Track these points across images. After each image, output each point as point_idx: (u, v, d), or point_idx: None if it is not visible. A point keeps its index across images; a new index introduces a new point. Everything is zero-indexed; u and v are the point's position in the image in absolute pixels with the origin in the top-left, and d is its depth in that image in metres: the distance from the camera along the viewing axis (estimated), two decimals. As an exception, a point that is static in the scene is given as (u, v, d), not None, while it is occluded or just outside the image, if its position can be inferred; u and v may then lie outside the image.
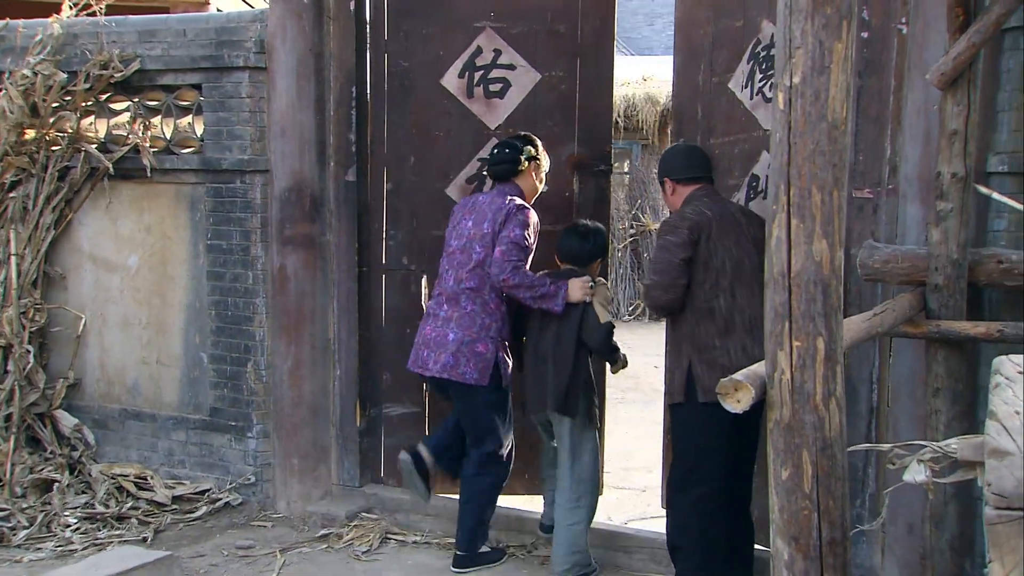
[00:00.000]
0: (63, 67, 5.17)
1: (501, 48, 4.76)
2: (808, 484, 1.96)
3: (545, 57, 4.77)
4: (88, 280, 5.46)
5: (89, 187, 5.34)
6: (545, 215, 4.41)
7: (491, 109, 4.82)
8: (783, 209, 1.92)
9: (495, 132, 4.80)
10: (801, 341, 1.95)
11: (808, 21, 1.83)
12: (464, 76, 4.81)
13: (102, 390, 5.49)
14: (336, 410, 5.01)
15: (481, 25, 4.76)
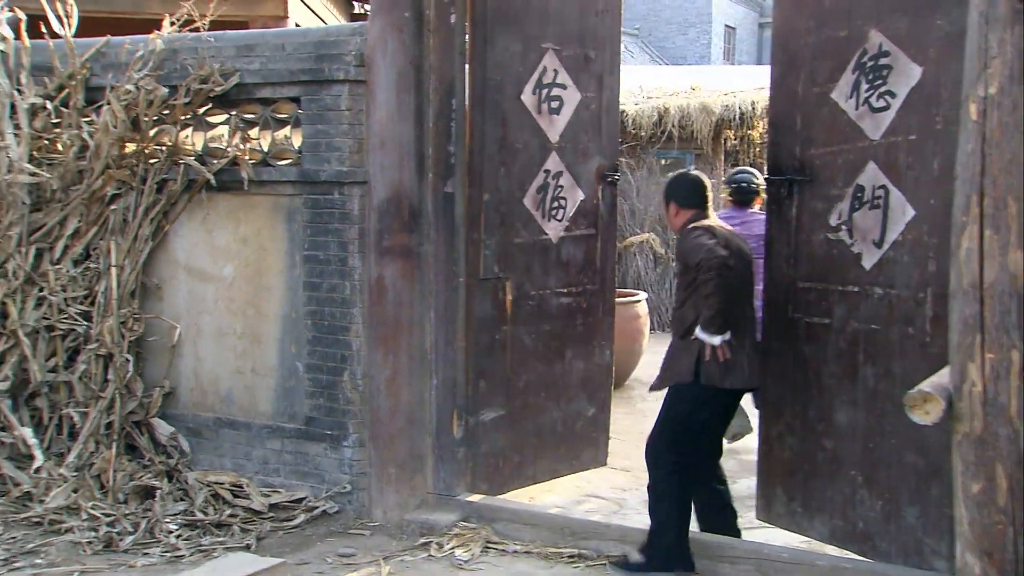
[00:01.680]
0: (163, 82, 5.27)
1: (557, 69, 5.21)
2: (1003, 498, 1.96)
3: (582, 79, 5.31)
4: (183, 291, 5.55)
5: (186, 199, 5.44)
6: (580, 220, 5.29)
7: (551, 124, 5.24)
8: (975, 220, 1.93)
9: (555, 146, 5.24)
10: (995, 353, 1.95)
11: (1007, 31, 1.84)
12: (536, 93, 5.14)
13: (196, 399, 5.58)
14: (432, 419, 5.05)
15: (546, 46, 5.13)
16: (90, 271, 5.51)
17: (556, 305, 5.24)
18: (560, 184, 5.13)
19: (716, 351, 4.17)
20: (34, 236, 5.51)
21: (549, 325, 5.20)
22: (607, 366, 5.57)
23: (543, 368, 5.24)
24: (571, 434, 5.45)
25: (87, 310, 5.47)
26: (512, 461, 5.17)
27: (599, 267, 5.46)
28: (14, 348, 5.36)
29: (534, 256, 5.12)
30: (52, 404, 5.43)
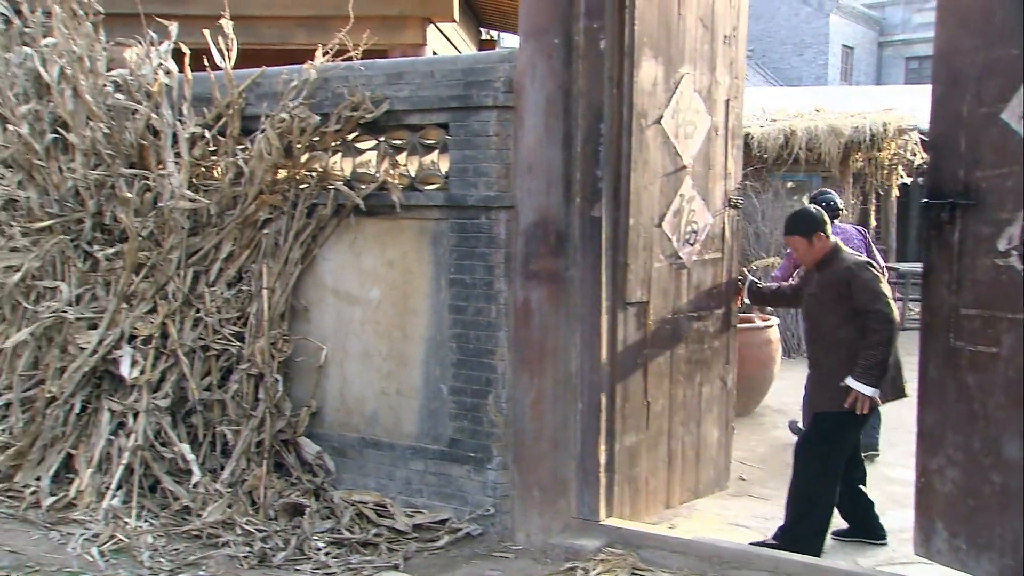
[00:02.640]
0: (315, 109, 5.44)
1: (692, 94, 5.22)
2: None
3: (711, 103, 5.36)
4: (330, 313, 5.69)
5: (334, 223, 5.58)
6: (709, 244, 5.43)
7: (686, 149, 5.28)
8: None
9: (688, 170, 5.30)
10: None
11: None
12: (674, 118, 5.15)
13: (341, 419, 5.69)
14: (576, 443, 5.04)
15: (683, 72, 5.16)
16: (243, 293, 5.70)
17: (688, 329, 5.28)
18: (693, 208, 5.14)
19: (858, 403, 4.48)
20: (192, 259, 5.73)
21: (682, 349, 5.22)
22: (730, 390, 5.65)
23: (676, 392, 5.25)
24: (698, 458, 5.46)
25: (240, 331, 5.66)
26: (649, 486, 5.14)
27: (724, 291, 5.58)
28: (173, 367, 5.57)
29: (671, 280, 5.14)
30: (206, 421, 5.61)
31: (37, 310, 5.79)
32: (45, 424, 5.50)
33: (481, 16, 9.08)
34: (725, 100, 5.47)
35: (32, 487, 5.29)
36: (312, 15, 7.41)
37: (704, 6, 5.26)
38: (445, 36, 8.37)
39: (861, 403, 4.69)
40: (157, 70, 5.87)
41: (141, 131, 5.76)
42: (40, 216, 5.93)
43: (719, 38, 5.39)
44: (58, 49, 5.90)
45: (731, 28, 5.44)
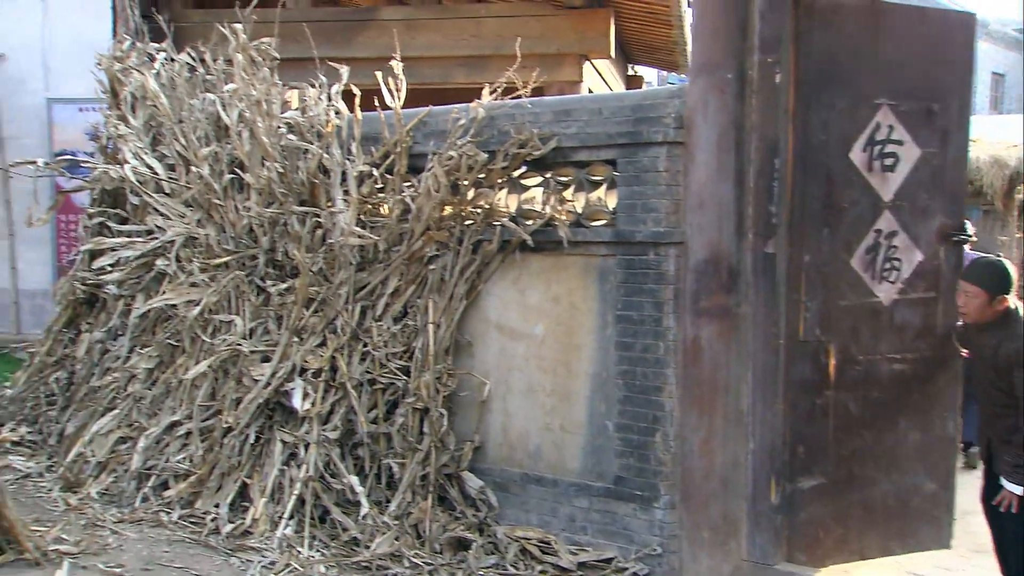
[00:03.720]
0: (481, 147, 5.52)
1: (893, 124, 4.93)
2: None
3: (923, 133, 4.99)
4: (494, 348, 5.73)
5: (499, 259, 5.63)
6: (918, 282, 4.98)
7: (884, 182, 4.95)
8: None
9: (888, 204, 4.93)
10: None
11: None
12: (866, 150, 4.90)
13: (504, 454, 5.71)
14: (748, 483, 4.91)
15: (880, 102, 4.88)
16: (408, 328, 5.81)
17: (888, 372, 4.95)
18: (894, 244, 4.89)
19: (1011, 502, 4.09)
20: (359, 294, 5.88)
21: (879, 392, 4.93)
22: (950, 438, 5.14)
23: (871, 437, 4.96)
24: (905, 510, 5.07)
25: (405, 365, 5.76)
26: (835, 533, 4.93)
27: (940, 333, 5.07)
28: (342, 400, 5.70)
29: (861, 319, 4.89)
30: (372, 454, 5.71)
31: (214, 343, 6.03)
32: (222, 453, 5.70)
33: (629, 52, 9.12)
34: (943, 129, 5.05)
35: (212, 514, 5.48)
36: (471, 55, 7.58)
37: (911, 33, 4.94)
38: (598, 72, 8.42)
39: (1012, 502, 4.18)
40: (328, 111, 6.08)
41: (313, 170, 5.96)
42: (218, 252, 6.19)
43: (935, 63, 4.99)
44: (238, 94, 6.18)
45: (951, 52, 5.03)
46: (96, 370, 6.74)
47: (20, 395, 7.16)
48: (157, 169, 6.53)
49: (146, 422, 6.09)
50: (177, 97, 6.63)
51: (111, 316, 6.77)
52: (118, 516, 5.54)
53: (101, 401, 6.46)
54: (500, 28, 7.46)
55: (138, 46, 7.09)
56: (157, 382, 6.24)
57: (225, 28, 6.56)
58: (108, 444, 6.10)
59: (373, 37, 7.70)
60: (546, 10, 7.48)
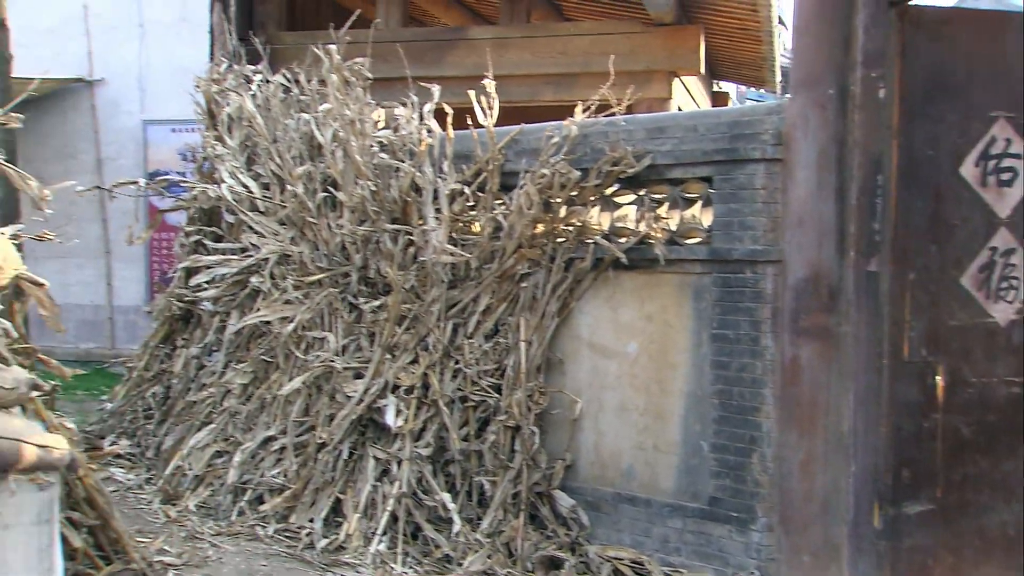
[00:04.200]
0: (574, 165, 5.52)
1: (1011, 138, 4.76)
2: None
3: None
4: (585, 366, 5.71)
5: (592, 277, 5.61)
6: None
7: (1001, 198, 4.79)
8: None
9: (1004, 221, 4.75)
10: None
11: None
12: (979, 165, 4.75)
13: (595, 473, 5.67)
14: (849, 507, 4.79)
15: (996, 115, 4.73)
16: (499, 345, 5.82)
17: (1005, 395, 4.77)
18: (1011, 263, 4.73)
19: None
20: (451, 312, 5.91)
21: (995, 416, 4.76)
22: None
23: (987, 463, 4.79)
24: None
25: (497, 383, 5.76)
26: (945, 562, 4.78)
27: None
28: (434, 417, 5.73)
29: (974, 340, 4.74)
30: (463, 471, 5.72)
31: (307, 359, 6.12)
32: (316, 469, 5.77)
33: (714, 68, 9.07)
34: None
35: (306, 528, 5.54)
36: (559, 73, 7.60)
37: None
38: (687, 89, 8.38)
39: None
40: (420, 130, 6.14)
41: (405, 189, 6.02)
42: (311, 270, 6.28)
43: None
44: (332, 113, 6.28)
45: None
46: (192, 385, 6.89)
47: (119, 409, 7.35)
48: (252, 188, 6.67)
49: (241, 437, 6.20)
50: (272, 117, 6.76)
51: (207, 332, 6.92)
52: (216, 529, 5.64)
53: (197, 415, 6.59)
54: (588, 46, 7.47)
55: (235, 68, 7.26)
56: (252, 397, 6.35)
57: (319, 49, 6.68)
58: (205, 458, 6.22)
59: (462, 56, 7.78)
60: (635, 27, 7.47)
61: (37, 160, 10.20)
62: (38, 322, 5.13)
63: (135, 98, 11.41)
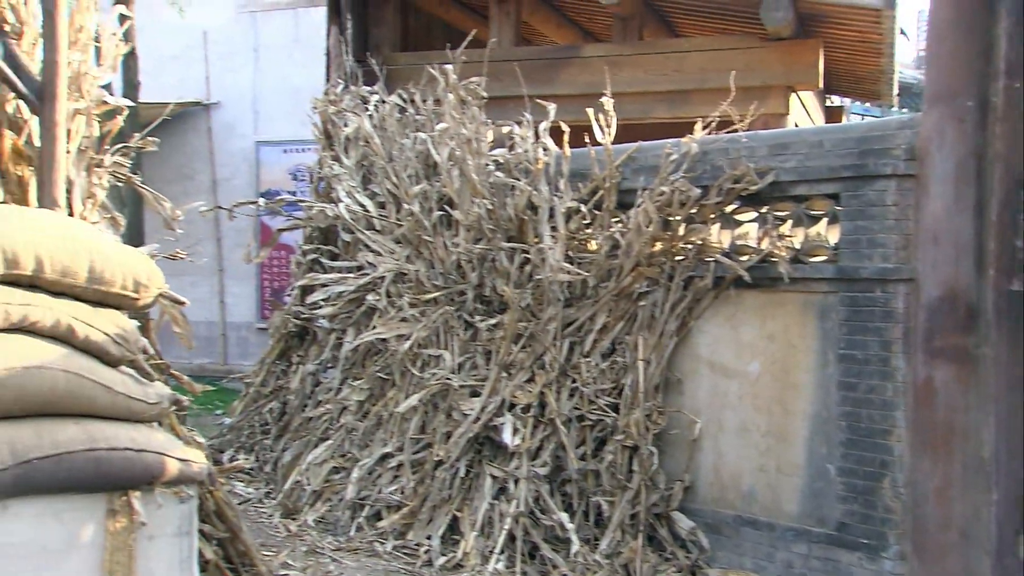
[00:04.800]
0: (694, 182, 5.46)
1: None
2: None
3: None
4: (704, 385, 5.62)
5: (711, 296, 5.53)
6: None
7: None
8: None
9: None
10: None
11: None
12: None
13: (715, 494, 5.57)
14: (992, 537, 4.58)
15: None
16: (617, 364, 5.77)
17: None
18: None
19: None
20: (567, 330, 5.88)
21: None
22: None
23: None
24: None
25: (614, 402, 5.71)
26: (1094, 594, 4.55)
27: None
28: (551, 436, 5.71)
29: None
30: (580, 491, 5.68)
31: (423, 377, 6.16)
32: (433, 486, 5.79)
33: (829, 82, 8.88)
34: None
35: (424, 545, 5.57)
36: (673, 90, 7.55)
37: None
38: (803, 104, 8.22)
39: None
40: (536, 148, 6.15)
41: (522, 207, 6.02)
42: (427, 288, 6.34)
43: None
44: (448, 133, 6.33)
45: None
46: (308, 401, 7.00)
47: (237, 424, 7.51)
48: (369, 207, 6.77)
49: (358, 453, 6.28)
50: (388, 137, 6.86)
51: (323, 349, 7.03)
52: (335, 544, 5.71)
53: (314, 431, 6.69)
54: (703, 62, 7.39)
55: (352, 89, 7.40)
56: (368, 414, 6.43)
57: (434, 70, 6.75)
58: (322, 473, 6.31)
59: (574, 74, 7.79)
60: (751, 42, 7.37)
61: (157, 181, 10.51)
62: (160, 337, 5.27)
63: (249, 120, 11.75)
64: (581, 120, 6.09)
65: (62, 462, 3.29)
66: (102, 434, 3.44)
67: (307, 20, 11.52)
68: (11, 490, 3.17)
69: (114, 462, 3.42)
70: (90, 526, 3.42)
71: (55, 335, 3.45)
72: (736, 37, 7.66)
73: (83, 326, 3.51)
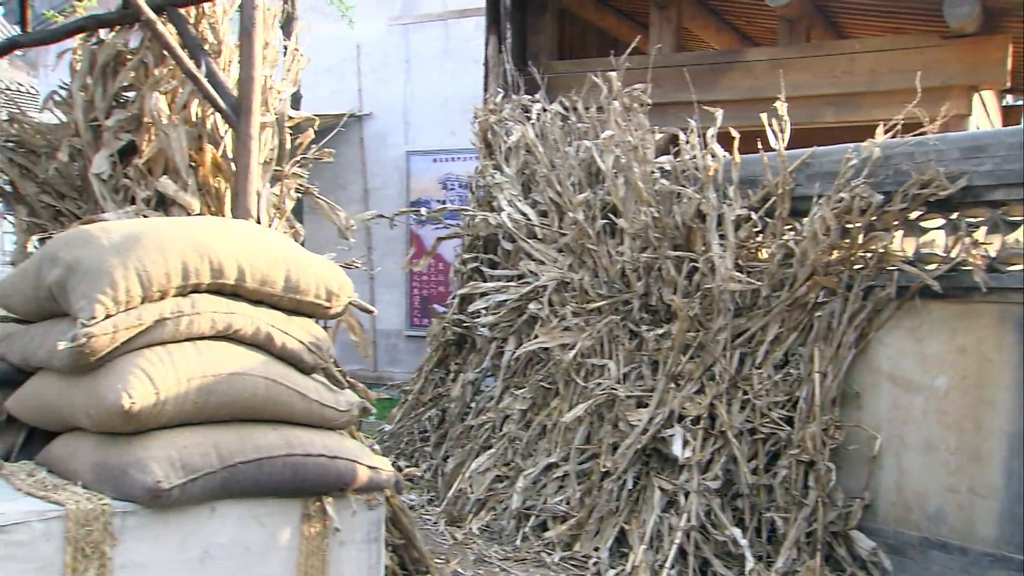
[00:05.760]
0: (876, 188, 5.23)
1: None
2: None
3: None
4: (885, 400, 5.38)
5: (893, 306, 5.29)
6: None
7: None
8: None
9: None
10: None
11: None
12: None
13: (897, 514, 5.32)
14: None
15: None
16: (790, 376, 5.58)
17: None
18: None
19: None
20: (737, 341, 5.73)
21: None
22: None
23: None
24: None
25: (788, 415, 5.52)
26: None
27: None
28: (722, 449, 5.56)
29: None
30: (752, 506, 5.51)
31: (588, 386, 6.10)
32: (600, 498, 5.72)
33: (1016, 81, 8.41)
34: None
35: (592, 558, 5.50)
36: (841, 93, 7.29)
37: None
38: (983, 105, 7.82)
39: None
40: (705, 155, 6.03)
41: (691, 215, 5.90)
42: (591, 297, 6.28)
43: None
44: (614, 140, 6.27)
45: None
46: (469, 409, 7.03)
47: (396, 431, 7.61)
48: (530, 215, 6.76)
49: (522, 462, 6.25)
50: (550, 145, 6.84)
51: (483, 358, 7.05)
52: (501, 553, 5.69)
53: (476, 440, 6.71)
54: (875, 63, 7.11)
55: (513, 98, 7.42)
56: (531, 423, 6.40)
57: (596, 77, 6.70)
58: (486, 482, 6.32)
59: (737, 79, 7.62)
60: (930, 41, 7.04)
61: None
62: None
63: (400, 130, 11.97)
64: (742, 125, 5.93)
65: (263, 466, 3.37)
66: (298, 440, 3.50)
67: (457, 31, 11.68)
68: (219, 492, 3.26)
69: (309, 468, 3.47)
70: (287, 530, 3.49)
71: (255, 342, 3.54)
72: (911, 36, 7.34)
73: (280, 334, 3.58)
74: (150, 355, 3.22)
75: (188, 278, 3.35)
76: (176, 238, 3.40)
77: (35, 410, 3.46)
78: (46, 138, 4.62)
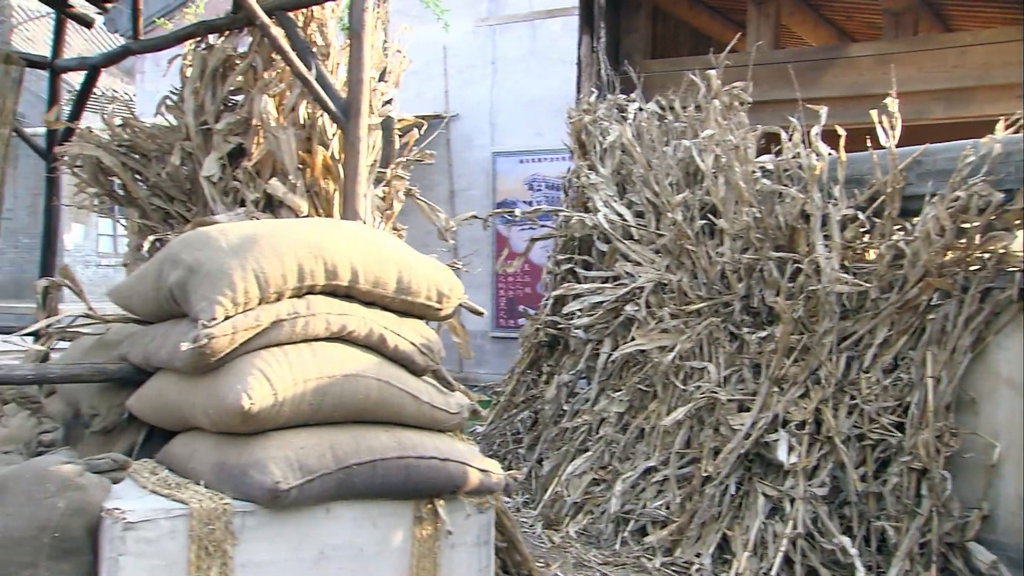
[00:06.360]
0: (994, 186, 5.04)
1: None
2: None
3: None
4: (1004, 406, 5.17)
5: (1016, 309, 5.08)
6: None
7: None
8: None
9: None
10: None
11: None
12: None
13: (1018, 526, 5.10)
14: None
15: None
16: (901, 381, 5.40)
17: None
18: None
19: None
20: (843, 344, 5.57)
21: None
22: None
23: None
24: None
25: (898, 421, 5.35)
26: None
27: None
28: (828, 455, 5.41)
29: None
30: (860, 514, 5.35)
31: (687, 389, 5.99)
32: (701, 503, 5.61)
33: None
34: None
35: (694, 564, 5.39)
36: (951, 88, 7.05)
37: None
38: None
39: None
40: (809, 154, 5.88)
41: (795, 215, 5.76)
42: (690, 299, 6.17)
43: None
44: (714, 139, 6.16)
45: None
46: (563, 411, 6.98)
47: (488, 433, 7.59)
48: (627, 216, 6.68)
49: (619, 466, 6.17)
50: (646, 145, 6.75)
51: (577, 360, 6.99)
52: (600, 558, 5.62)
53: (571, 442, 6.65)
54: (988, 56, 6.85)
55: (608, 98, 7.35)
56: (628, 426, 6.32)
57: (695, 75, 6.59)
58: (582, 485, 6.25)
59: (838, 76, 7.43)
60: (1053, 30, 6.79)
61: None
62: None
63: (486, 131, 11.98)
64: (845, 123, 5.75)
65: (376, 468, 3.36)
66: (410, 442, 3.49)
67: (544, 32, 11.64)
68: (334, 493, 3.27)
69: (421, 470, 3.46)
70: (400, 532, 3.48)
71: (368, 344, 3.54)
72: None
73: (393, 335, 3.58)
74: (268, 356, 3.24)
75: (303, 279, 3.36)
76: (291, 240, 3.42)
77: (155, 409, 3.51)
78: (157, 142, 4.71)
